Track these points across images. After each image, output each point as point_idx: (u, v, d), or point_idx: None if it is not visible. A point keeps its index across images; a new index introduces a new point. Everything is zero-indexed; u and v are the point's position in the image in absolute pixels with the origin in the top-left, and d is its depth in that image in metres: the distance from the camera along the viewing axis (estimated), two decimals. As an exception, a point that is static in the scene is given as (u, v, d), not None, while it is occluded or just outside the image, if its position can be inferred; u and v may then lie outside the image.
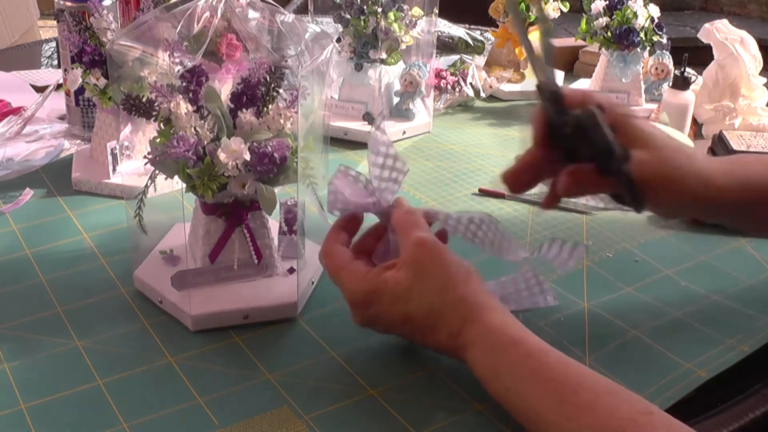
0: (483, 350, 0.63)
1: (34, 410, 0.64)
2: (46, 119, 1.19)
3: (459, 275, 0.66)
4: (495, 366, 0.62)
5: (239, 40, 0.81)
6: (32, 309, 0.76)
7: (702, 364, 0.70)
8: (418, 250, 0.66)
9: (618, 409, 0.56)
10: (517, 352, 0.62)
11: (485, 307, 0.65)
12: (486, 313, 0.64)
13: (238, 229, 0.76)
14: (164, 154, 0.69)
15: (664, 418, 0.56)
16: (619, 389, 0.58)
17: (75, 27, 0.98)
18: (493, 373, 0.62)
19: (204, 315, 0.73)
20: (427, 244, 0.67)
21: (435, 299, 0.65)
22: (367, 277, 0.67)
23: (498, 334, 0.63)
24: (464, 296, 0.65)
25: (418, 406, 0.65)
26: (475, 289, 0.66)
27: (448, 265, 0.66)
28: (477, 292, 0.66)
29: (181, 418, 0.64)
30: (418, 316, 0.66)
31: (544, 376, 0.60)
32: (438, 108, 1.29)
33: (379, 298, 0.66)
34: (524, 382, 0.60)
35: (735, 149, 1.07)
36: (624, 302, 0.79)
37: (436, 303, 0.65)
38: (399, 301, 0.66)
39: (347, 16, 1.17)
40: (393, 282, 0.66)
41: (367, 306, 0.67)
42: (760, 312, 0.78)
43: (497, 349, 0.62)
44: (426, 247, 0.66)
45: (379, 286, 0.66)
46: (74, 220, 0.93)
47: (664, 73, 1.31)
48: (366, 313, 0.68)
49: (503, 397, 0.62)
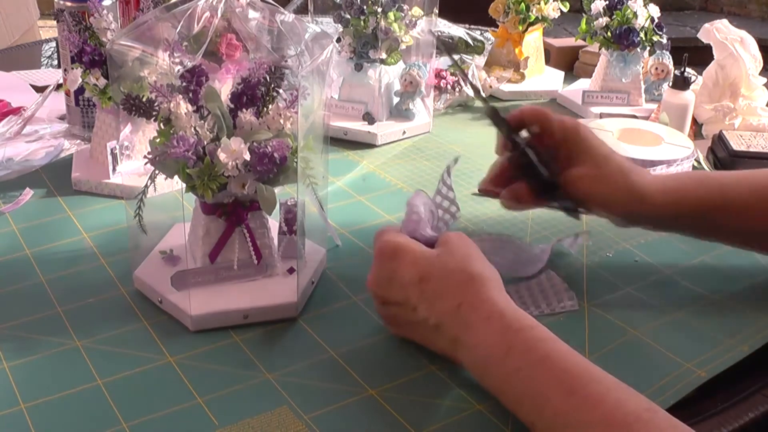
0: (495, 329, 0.63)
1: (34, 410, 0.64)
2: (46, 119, 1.19)
3: (479, 262, 0.69)
4: (507, 346, 0.62)
5: (239, 40, 0.81)
6: (32, 309, 0.76)
7: (702, 364, 0.70)
8: (452, 235, 0.71)
9: (625, 404, 0.56)
10: (530, 335, 0.62)
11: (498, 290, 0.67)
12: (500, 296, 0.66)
13: (238, 229, 0.76)
14: (164, 154, 0.69)
15: (666, 416, 0.56)
16: (624, 386, 0.59)
17: (75, 27, 0.98)
18: (504, 353, 0.62)
19: (204, 315, 0.73)
20: (462, 235, 0.71)
21: (450, 266, 0.68)
22: (398, 236, 0.71)
23: (510, 316, 0.64)
24: (477, 273, 0.67)
25: (418, 406, 0.65)
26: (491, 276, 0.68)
27: (473, 250, 0.70)
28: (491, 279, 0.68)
29: (181, 418, 0.64)
30: (432, 277, 0.67)
31: (557, 364, 0.60)
32: (438, 108, 1.29)
33: (404, 254, 0.69)
34: (536, 366, 0.60)
35: (735, 149, 1.07)
36: (624, 302, 0.79)
37: (451, 268, 0.67)
38: (419, 262, 0.68)
39: (347, 16, 1.17)
40: (420, 250, 0.70)
41: (387, 260, 0.70)
42: (760, 312, 0.78)
43: (510, 330, 0.63)
44: (459, 235, 0.71)
45: (408, 247, 0.70)
46: (74, 220, 0.93)
47: (664, 73, 1.31)
48: (384, 267, 0.70)
49: (511, 379, 0.61)
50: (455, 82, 1.32)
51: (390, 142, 1.18)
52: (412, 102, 1.20)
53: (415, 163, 1.11)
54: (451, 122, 1.27)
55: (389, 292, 0.70)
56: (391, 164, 1.11)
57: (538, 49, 1.44)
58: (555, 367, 0.60)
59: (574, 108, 1.32)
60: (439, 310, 0.67)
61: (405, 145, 1.17)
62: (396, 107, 1.22)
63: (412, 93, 1.20)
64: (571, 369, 0.59)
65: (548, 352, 0.61)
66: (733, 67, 1.22)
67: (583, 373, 0.59)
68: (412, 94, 1.20)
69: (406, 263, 0.69)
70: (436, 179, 1.05)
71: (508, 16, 1.40)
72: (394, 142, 1.18)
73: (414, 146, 1.17)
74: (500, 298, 0.66)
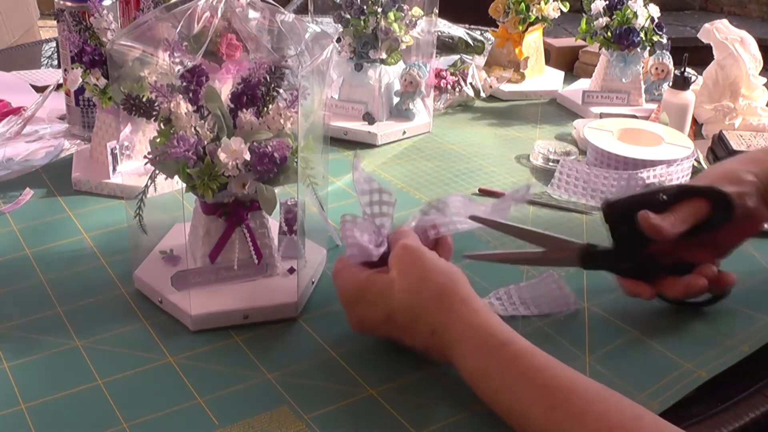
0: (471, 350, 0.63)
1: (34, 410, 0.64)
2: (46, 119, 1.19)
3: (437, 270, 0.67)
4: (484, 367, 0.62)
5: (239, 40, 0.81)
6: (32, 309, 0.76)
7: (702, 364, 0.70)
8: (401, 251, 0.69)
9: (608, 416, 0.56)
10: (506, 353, 0.62)
11: (465, 304, 0.65)
12: (468, 312, 0.65)
13: (238, 229, 0.76)
14: (164, 154, 0.69)
15: (652, 422, 0.56)
16: (609, 395, 0.58)
17: (75, 27, 0.98)
18: (483, 374, 0.62)
19: (204, 315, 0.73)
20: (409, 248, 0.69)
21: (413, 293, 0.66)
22: (359, 277, 0.70)
23: (484, 334, 0.63)
24: (442, 289, 0.66)
25: (418, 406, 0.65)
26: (456, 285, 0.66)
27: (428, 263, 0.68)
28: (458, 288, 0.66)
29: (181, 418, 0.64)
30: (398, 311, 0.67)
31: (536, 381, 0.59)
32: (438, 108, 1.29)
33: (363, 295, 0.69)
34: (515, 384, 0.60)
35: (735, 149, 1.07)
36: (624, 302, 0.79)
37: (414, 296, 0.66)
38: (382, 298, 0.68)
39: (347, 16, 1.17)
40: (379, 281, 0.68)
41: (354, 305, 0.70)
42: (760, 312, 0.78)
43: (485, 349, 0.62)
44: (408, 250, 0.69)
45: (363, 284, 0.69)
46: (74, 220, 0.93)
47: (664, 73, 1.31)
48: (354, 312, 0.70)
49: (492, 398, 0.62)
50: (455, 82, 1.32)
51: (390, 142, 1.18)
52: (412, 102, 1.20)
53: (415, 163, 1.11)
54: (451, 122, 1.27)
55: (373, 330, 0.71)
56: (391, 164, 1.11)
57: (538, 49, 1.44)
58: (534, 384, 0.59)
59: (574, 108, 1.32)
60: (418, 338, 0.67)
61: (405, 145, 1.17)
62: (396, 107, 1.22)
63: (412, 93, 1.20)
64: (550, 383, 0.59)
65: (525, 369, 0.60)
66: (733, 67, 1.22)
67: (564, 386, 0.59)
68: (412, 94, 1.20)
69: (369, 306, 0.69)
70: (436, 179, 1.06)
71: (508, 16, 1.40)
72: (394, 142, 1.18)
73: (414, 146, 1.17)
74: (467, 309, 0.65)
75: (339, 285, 0.71)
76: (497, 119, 1.29)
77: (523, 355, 0.61)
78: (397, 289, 0.67)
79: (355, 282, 0.70)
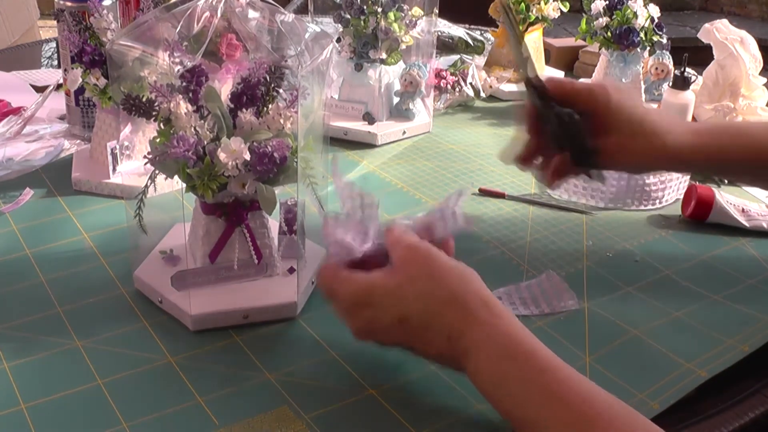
0: (490, 357, 0.59)
1: (34, 410, 0.64)
2: (46, 119, 1.19)
3: (452, 273, 0.63)
4: (504, 375, 0.58)
5: (239, 40, 0.80)
6: (32, 309, 0.76)
7: (702, 364, 0.70)
8: (409, 252, 0.64)
9: None
10: (529, 365, 0.58)
11: (487, 308, 0.61)
12: (490, 316, 0.61)
13: (238, 229, 0.76)
14: (164, 154, 0.69)
15: None
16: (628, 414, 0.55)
17: (75, 27, 0.98)
18: (501, 380, 0.59)
19: (204, 315, 0.73)
20: (418, 247, 0.65)
21: (428, 296, 0.62)
22: (358, 280, 0.65)
23: (506, 341, 0.59)
24: (458, 293, 0.62)
25: (418, 406, 0.65)
26: (474, 288, 0.63)
27: (439, 264, 0.64)
28: (475, 291, 0.62)
29: (181, 418, 0.64)
30: (412, 315, 0.62)
31: (561, 399, 0.56)
32: (438, 108, 1.29)
33: (370, 298, 0.64)
34: (536, 398, 0.57)
35: (735, 149, 1.07)
36: (624, 302, 0.79)
37: (429, 300, 0.62)
38: (391, 298, 0.63)
39: (347, 16, 1.17)
40: (382, 282, 0.64)
41: (360, 309, 0.65)
42: (760, 312, 0.78)
43: (507, 358, 0.59)
44: (416, 250, 0.64)
45: (369, 286, 0.64)
46: (74, 220, 0.93)
47: (664, 73, 1.31)
48: (360, 317, 0.65)
49: (507, 406, 0.59)
50: (455, 82, 1.32)
51: (390, 142, 1.18)
52: (412, 102, 1.20)
53: (415, 163, 1.11)
54: (451, 122, 1.27)
55: (378, 338, 0.66)
56: (391, 164, 1.11)
57: (538, 49, 1.44)
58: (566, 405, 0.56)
59: (574, 108, 1.32)
60: (432, 345, 0.63)
61: (405, 145, 1.17)
62: (396, 107, 1.22)
63: (412, 93, 1.20)
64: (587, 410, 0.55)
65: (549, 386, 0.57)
66: (733, 67, 1.22)
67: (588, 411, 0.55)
68: (412, 94, 1.20)
69: (377, 309, 0.64)
70: (436, 179, 1.06)
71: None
72: (394, 142, 1.18)
73: (414, 146, 1.17)
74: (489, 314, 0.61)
75: (336, 291, 0.66)
76: (497, 119, 1.29)
77: (548, 370, 0.57)
78: (407, 291, 0.62)
79: (357, 285, 0.65)
